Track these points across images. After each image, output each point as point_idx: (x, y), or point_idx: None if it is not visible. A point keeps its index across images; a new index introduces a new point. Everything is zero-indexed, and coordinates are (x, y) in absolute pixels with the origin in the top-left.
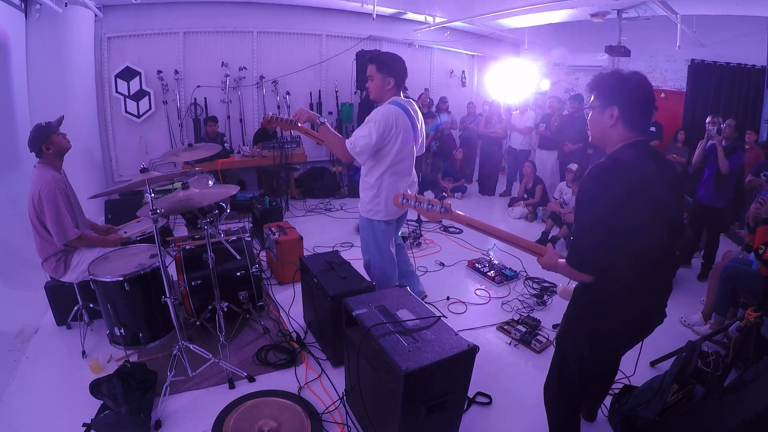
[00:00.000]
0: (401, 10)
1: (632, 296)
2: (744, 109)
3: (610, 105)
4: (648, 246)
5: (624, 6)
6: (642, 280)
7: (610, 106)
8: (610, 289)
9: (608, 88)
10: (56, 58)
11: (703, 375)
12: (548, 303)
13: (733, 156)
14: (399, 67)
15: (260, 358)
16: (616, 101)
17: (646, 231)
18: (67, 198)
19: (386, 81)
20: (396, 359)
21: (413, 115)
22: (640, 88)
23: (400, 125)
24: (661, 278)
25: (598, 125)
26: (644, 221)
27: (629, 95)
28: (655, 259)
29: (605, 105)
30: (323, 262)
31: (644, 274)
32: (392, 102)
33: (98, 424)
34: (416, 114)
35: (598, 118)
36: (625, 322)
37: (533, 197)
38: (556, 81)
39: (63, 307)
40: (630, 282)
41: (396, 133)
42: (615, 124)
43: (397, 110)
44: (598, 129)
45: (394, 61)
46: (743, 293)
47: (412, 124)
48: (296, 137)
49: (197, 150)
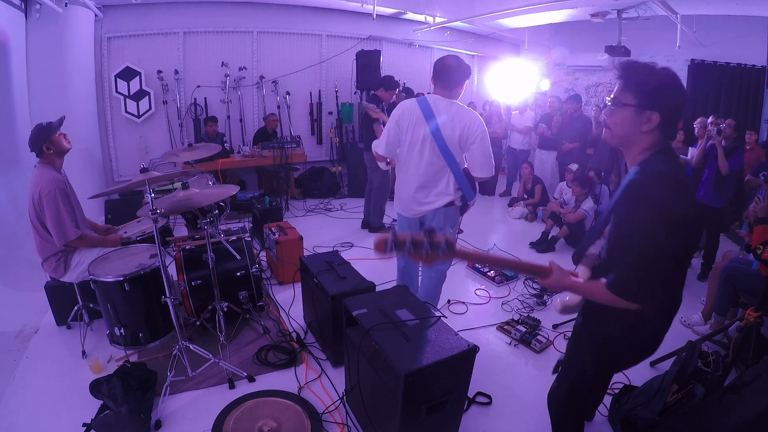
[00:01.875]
0: (401, 10)
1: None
2: (744, 109)
3: (651, 109)
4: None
5: (624, 6)
6: (674, 301)
7: (651, 111)
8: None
9: (652, 90)
10: (56, 58)
11: (703, 375)
12: (548, 303)
13: (733, 156)
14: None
15: (260, 358)
16: (658, 107)
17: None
18: (67, 198)
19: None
20: (396, 359)
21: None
22: (682, 95)
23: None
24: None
25: (629, 127)
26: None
27: (675, 102)
28: (681, 278)
29: (644, 107)
30: (323, 262)
31: (676, 294)
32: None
33: (98, 424)
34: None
35: (630, 119)
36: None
37: (533, 197)
38: (556, 81)
39: (63, 307)
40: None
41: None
42: (652, 131)
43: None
44: (628, 130)
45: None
46: (743, 293)
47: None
48: (296, 137)
49: (197, 150)
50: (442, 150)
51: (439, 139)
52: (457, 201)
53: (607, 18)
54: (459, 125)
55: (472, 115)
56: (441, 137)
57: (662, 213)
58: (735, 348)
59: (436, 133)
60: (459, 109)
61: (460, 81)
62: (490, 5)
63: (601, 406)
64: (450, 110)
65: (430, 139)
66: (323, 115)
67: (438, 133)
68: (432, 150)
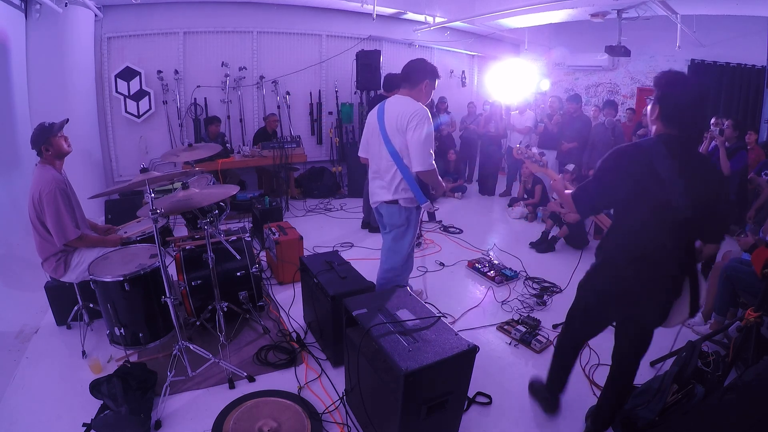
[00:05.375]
0: (401, 10)
1: (618, 269)
2: (744, 109)
3: (655, 102)
4: (639, 231)
5: (624, 6)
6: (628, 257)
7: (655, 104)
8: (606, 256)
9: (656, 86)
10: (56, 58)
11: (703, 375)
12: (548, 303)
13: (736, 157)
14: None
15: (260, 358)
16: (658, 99)
17: (639, 215)
18: (68, 198)
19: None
20: (396, 359)
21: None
22: (677, 86)
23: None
24: (657, 273)
25: (649, 116)
26: (638, 205)
27: (666, 93)
28: (649, 249)
29: (654, 101)
30: (323, 262)
31: (633, 255)
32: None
33: (98, 424)
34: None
35: (650, 111)
36: (606, 290)
37: (533, 197)
38: (556, 81)
39: (63, 307)
40: (617, 255)
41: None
42: (656, 119)
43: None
44: (649, 119)
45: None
46: (743, 293)
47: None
48: (296, 137)
49: (197, 150)
50: (386, 141)
51: (383, 129)
52: (403, 202)
53: (607, 18)
54: (395, 112)
55: (412, 104)
56: (384, 127)
57: (607, 161)
58: (735, 348)
59: (381, 123)
60: (405, 101)
61: (419, 79)
62: (490, 5)
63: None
64: (397, 103)
65: (378, 130)
66: (323, 115)
67: (382, 122)
68: (379, 141)
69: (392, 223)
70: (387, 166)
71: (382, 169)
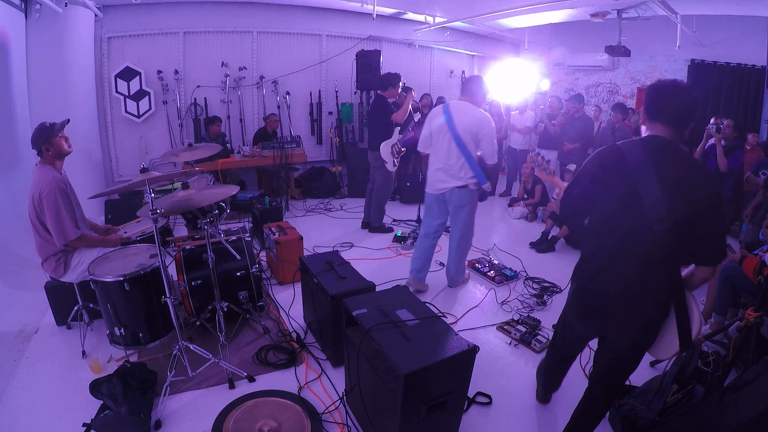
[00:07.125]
0: (401, 10)
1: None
2: (744, 109)
3: (641, 107)
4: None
5: (624, 6)
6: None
7: (641, 108)
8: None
9: (645, 95)
10: (56, 58)
11: (703, 375)
12: (548, 303)
13: (733, 155)
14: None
15: (260, 358)
16: (644, 98)
17: (605, 220)
18: (68, 198)
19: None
20: (396, 359)
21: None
22: (663, 87)
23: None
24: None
25: (640, 121)
26: (610, 204)
27: (651, 93)
28: (623, 250)
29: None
30: (323, 262)
31: (594, 268)
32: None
33: (98, 424)
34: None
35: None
36: (574, 303)
37: (533, 197)
38: (556, 81)
39: (63, 307)
40: (581, 266)
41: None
42: (643, 122)
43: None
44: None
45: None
46: (743, 293)
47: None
48: (296, 137)
49: (197, 150)
50: (456, 139)
51: (452, 129)
52: (471, 186)
53: (607, 18)
54: (468, 116)
55: (480, 111)
56: (454, 128)
57: (587, 162)
58: (735, 348)
59: (450, 124)
60: (472, 109)
61: (483, 97)
62: (490, 5)
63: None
64: (465, 109)
65: (446, 130)
66: (323, 115)
67: (451, 123)
68: (449, 139)
69: (461, 204)
70: (457, 160)
71: (453, 162)
